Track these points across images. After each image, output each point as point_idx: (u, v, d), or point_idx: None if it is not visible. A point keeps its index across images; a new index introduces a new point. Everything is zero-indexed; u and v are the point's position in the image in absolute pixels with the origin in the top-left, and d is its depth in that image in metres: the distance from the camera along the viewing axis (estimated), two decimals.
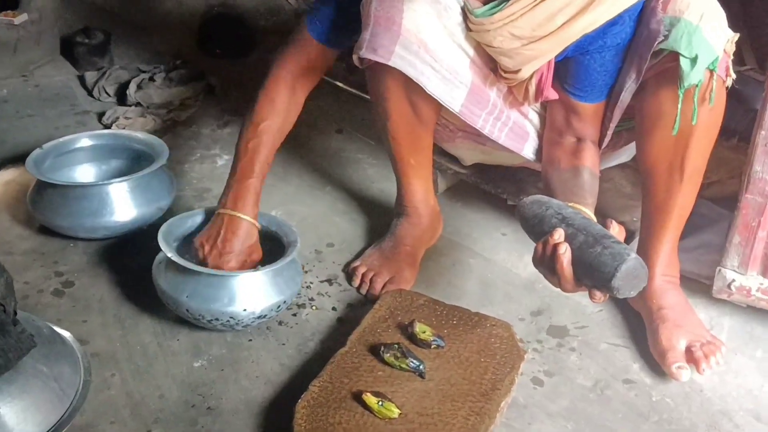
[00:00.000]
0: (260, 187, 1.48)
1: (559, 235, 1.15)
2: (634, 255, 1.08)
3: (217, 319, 1.38)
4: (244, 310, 1.38)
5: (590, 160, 1.43)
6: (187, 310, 1.38)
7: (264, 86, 1.52)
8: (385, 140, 1.58)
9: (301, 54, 1.52)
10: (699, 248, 1.58)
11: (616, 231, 1.16)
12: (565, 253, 1.13)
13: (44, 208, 1.67)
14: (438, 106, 1.47)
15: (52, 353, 1.24)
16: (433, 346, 1.34)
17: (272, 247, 1.52)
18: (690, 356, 1.36)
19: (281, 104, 1.51)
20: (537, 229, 1.21)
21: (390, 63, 1.35)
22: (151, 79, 2.40)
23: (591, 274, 1.11)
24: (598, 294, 1.12)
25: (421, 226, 1.67)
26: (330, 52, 1.51)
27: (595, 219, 1.25)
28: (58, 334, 1.32)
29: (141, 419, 1.27)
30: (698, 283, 1.55)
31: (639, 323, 1.48)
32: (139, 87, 2.36)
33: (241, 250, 1.44)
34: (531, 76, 1.41)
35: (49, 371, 1.20)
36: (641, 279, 1.10)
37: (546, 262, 1.17)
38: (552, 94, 1.43)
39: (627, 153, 1.70)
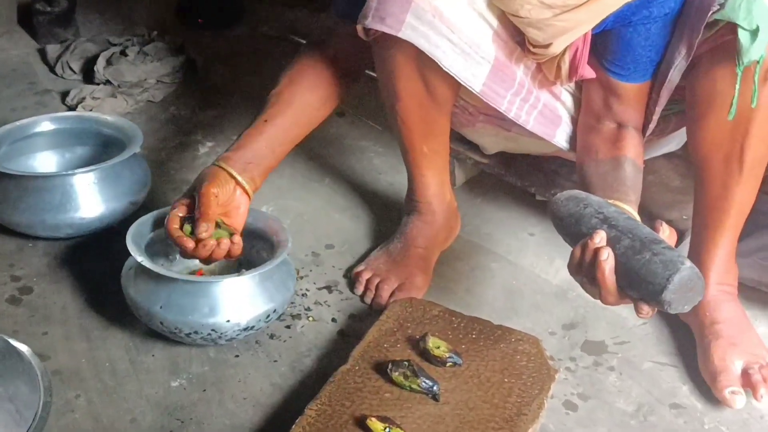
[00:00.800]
0: (252, 138, 1.46)
1: (600, 238, 1.15)
2: (689, 263, 1.08)
3: (196, 333, 1.39)
4: (228, 321, 1.38)
5: (633, 149, 1.43)
6: (162, 323, 1.39)
7: (281, 77, 1.53)
8: (394, 125, 1.58)
9: (329, 42, 1.53)
10: (760, 251, 1.58)
11: (667, 234, 1.16)
12: (607, 259, 1.13)
13: None
14: (456, 86, 1.47)
15: (6, 370, 1.25)
16: (448, 364, 1.34)
17: (259, 248, 1.52)
18: (747, 380, 1.36)
19: (303, 78, 1.52)
20: (573, 230, 1.21)
21: (400, 35, 1.35)
22: (123, 53, 2.41)
23: (638, 284, 1.11)
24: (645, 308, 1.12)
25: (435, 224, 1.67)
26: (365, 44, 1.49)
27: (639, 219, 1.25)
28: (14, 348, 1.33)
29: None
30: (758, 292, 1.55)
31: (689, 339, 1.48)
32: (108, 62, 2.37)
33: (189, 186, 1.43)
34: (564, 52, 1.40)
35: (3, 391, 1.20)
36: (697, 292, 1.10)
37: (585, 270, 1.17)
38: (588, 73, 1.43)
39: (675, 141, 1.70)
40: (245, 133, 1.47)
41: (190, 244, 1.37)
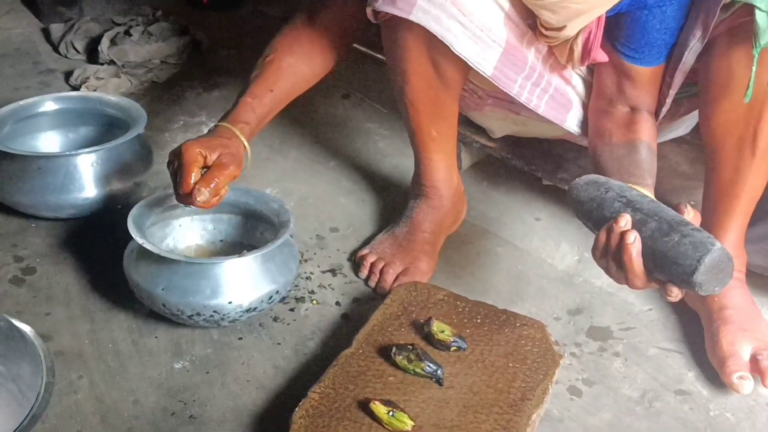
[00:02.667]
0: (261, 108, 1.45)
1: (625, 221, 1.15)
2: (719, 245, 1.08)
3: (198, 314, 1.39)
4: (230, 302, 1.38)
5: (647, 132, 1.42)
6: (164, 305, 1.39)
7: (276, 42, 1.53)
8: (402, 108, 1.57)
9: (323, 10, 1.52)
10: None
11: (691, 216, 1.16)
12: (634, 242, 1.13)
13: (1, 182, 1.68)
14: (466, 68, 1.46)
15: (9, 350, 1.25)
16: (453, 348, 1.34)
17: (263, 230, 1.52)
18: (755, 365, 1.35)
19: (301, 47, 1.52)
20: (596, 215, 1.21)
21: (411, 17, 1.34)
22: (127, 33, 2.40)
23: (667, 267, 1.11)
24: (675, 290, 1.13)
25: (442, 209, 1.67)
26: (360, 10, 1.48)
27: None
28: (17, 329, 1.33)
29: (112, 428, 1.27)
30: (766, 280, 1.55)
31: (695, 325, 1.48)
32: (112, 42, 2.37)
33: (207, 139, 1.37)
34: (577, 35, 1.39)
35: (6, 371, 1.21)
36: (727, 273, 1.10)
37: (611, 254, 1.17)
38: (601, 56, 1.42)
39: (685, 125, 1.69)
40: (251, 100, 1.45)
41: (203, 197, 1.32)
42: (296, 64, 1.52)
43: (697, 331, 1.47)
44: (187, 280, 1.38)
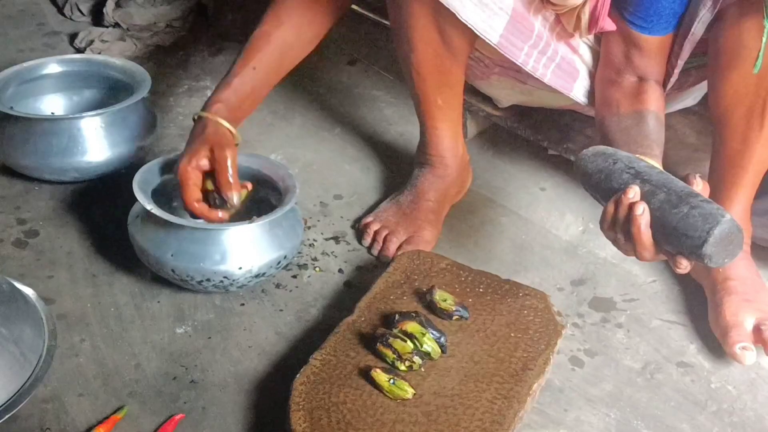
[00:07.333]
0: (241, 86, 1.47)
1: (634, 192, 1.14)
2: (729, 216, 1.07)
3: (208, 280, 1.39)
4: (240, 268, 1.38)
5: (655, 103, 1.41)
6: (173, 271, 1.39)
7: (267, 15, 1.52)
8: (408, 75, 1.56)
9: None
10: None
11: (700, 187, 1.15)
12: (643, 214, 1.12)
13: (5, 144, 1.67)
14: (472, 36, 1.45)
15: (11, 313, 1.25)
16: (455, 317, 1.34)
17: (267, 195, 1.52)
18: (758, 336, 1.35)
19: (291, 18, 1.50)
20: (604, 186, 1.20)
21: None
22: None
23: (676, 239, 1.10)
24: (684, 262, 1.12)
25: (447, 178, 1.66)
26: None
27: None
28: (20, 291, 1.33)
29: (114, 392, 1.28)
30: None
31: (699, 297, 1.48)
32: (118, 5, 2.35)
33: (192, 147, 1.40)
34: (584, 3, 1.38)
35: (8, 333, 1.21)
36: (737, 245, 1.09)
37: (619, 226, 1.16)
38: (609, 25, 1.41)
39: (692, 96, 1.68)
40: (234, 81, 1.46)
41: (220, 216, 1.40)
42: (284, 36, 1.50)
43: (700, 304, 1.47)
44: (197, 246, 1.38)
